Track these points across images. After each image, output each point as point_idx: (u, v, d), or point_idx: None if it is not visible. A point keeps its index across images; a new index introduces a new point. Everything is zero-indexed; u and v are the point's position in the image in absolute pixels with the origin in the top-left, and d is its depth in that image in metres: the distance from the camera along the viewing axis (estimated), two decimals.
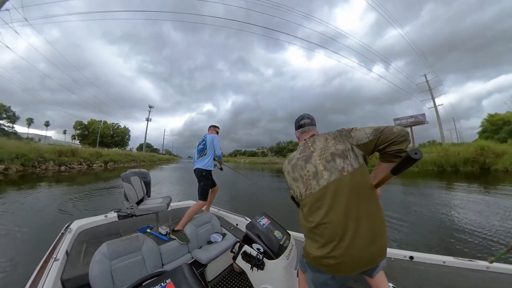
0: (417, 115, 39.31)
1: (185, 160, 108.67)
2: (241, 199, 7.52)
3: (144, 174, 2.66)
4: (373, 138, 0.94)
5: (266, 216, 1.98)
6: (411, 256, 1.62)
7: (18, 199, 6.58)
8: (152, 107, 59.47)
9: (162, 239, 2.09)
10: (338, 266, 0.90)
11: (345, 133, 1.03)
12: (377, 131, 0.94)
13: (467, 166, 17.58)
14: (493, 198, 6.69)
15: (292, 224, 3.99)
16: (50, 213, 5.17)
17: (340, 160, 0.95)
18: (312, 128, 1.23)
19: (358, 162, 0.95)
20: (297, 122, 1.29)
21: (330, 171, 0.95)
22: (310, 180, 0.99)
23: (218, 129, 2.92)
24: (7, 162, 13.24)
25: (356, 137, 0.99)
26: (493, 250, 3.21)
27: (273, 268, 1.56)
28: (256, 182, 12.45)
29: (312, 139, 1.11)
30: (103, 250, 1.48)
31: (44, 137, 60.32)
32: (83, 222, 2.31)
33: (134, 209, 2.23)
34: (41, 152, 16.38)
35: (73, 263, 1.65)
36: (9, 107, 47.04)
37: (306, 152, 1.08)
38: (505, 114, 31.00)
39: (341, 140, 1.01)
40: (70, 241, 1.95)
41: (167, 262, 1.85)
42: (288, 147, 71.72)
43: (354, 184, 0.91)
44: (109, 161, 24.94)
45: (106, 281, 1.42)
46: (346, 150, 0.97)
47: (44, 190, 8.31)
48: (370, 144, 0.95)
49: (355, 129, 1.03)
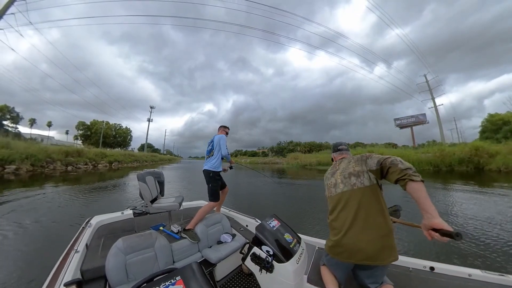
0: (417, 115, 39.33)
1: (186, 160, 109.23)
2: (250, 200, 7.63)
3: (158, 174, 2.81)
4: (378, 167, 1.19)
5: (276, 218, 1.96)
6: (431, 266, 1.52)
7: (37, 196, 7.01)
8: (154, 108, 59.73)
9: (174, 237, 2.16)
10: (342, 252, 1.23)
11: (364, 159, 1.31)
12: (378, 163, 1.19)
13: (462, 166, 17.93)
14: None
15: (302, 227, 4.28)
16: (69, 209, 5.64)
17: (354, 178, 1.27)
18: (346, 153, 1.59)
19: (370, 182, 1.22)
20: (336, 146, 1.66)
21: (345, 184, 1.30)
22: (331, 188, 1.40)
23: (227, 130, 2.90)
24: (18, 162, 13.73)
25: (369, 165, 1.25)
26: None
27: (282, 271, 1.53)
28: (274, 180, 12.84)
29: (340, 161, 1.51)
30: (119, 245, 1.55)
31: (47, 137, 59.92)
32: (102, 217, 2.49)
33: (148, 207, 2.37)
34: (48, 152, 16.87)
35: (91, 255, 1.76)
36: (13, 108, 47.65)
37: (333, 169, 1.49)
38: (505, 114, 31.04)
39: (360, 164, 1.31)
40: (90, 235, 2.10)
41: (178, 259, 1.90)
42: (288, 147, 71.96)
43: (363, 196, 1.21)
44: (114, 161, 25.40)
45: (121, 274, 1.48)
46: (362, 172, 1.26)
47: (59, 189, 8.77)
48: (377, 172, 1.19)
49: (370, 157, 1.28)
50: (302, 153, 51.11)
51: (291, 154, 50.90)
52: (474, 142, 20.14)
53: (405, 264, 1.62)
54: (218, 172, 2.57)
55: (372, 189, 1.21)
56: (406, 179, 1.00)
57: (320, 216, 4.97)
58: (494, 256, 2.94)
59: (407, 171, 1.01)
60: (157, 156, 54.01)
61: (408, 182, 0.99)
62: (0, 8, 19.73)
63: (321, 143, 72.70)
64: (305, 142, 73.03)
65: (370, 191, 1.21)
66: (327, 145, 68.75)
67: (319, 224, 4.47)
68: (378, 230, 1.15)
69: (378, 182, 1.23)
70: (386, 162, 1.13)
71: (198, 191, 8.86)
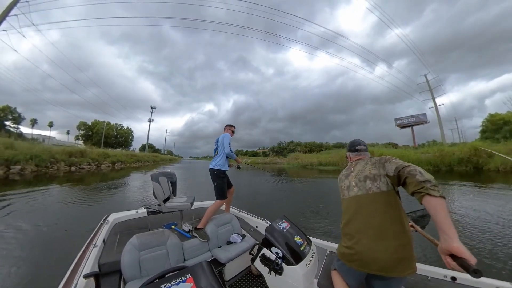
0: (418, 115, 39.05)
1: (186, 161, 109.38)
2: (259, 200, 7.67)
3: (170, 175, 2.89)
4: (395, 174, 1.07)
5: (286, 220, 1.95)
6: (453, 276, 1.39)
7: (44, 196, 7.19)
8: (155, 108, 59.80)
9: (185, 236, 2.21)
10: (355, 260, 1.13)
11: (382, 162, 1.20)
12: (396, 170, 1.07)
13: (461, 165, 18.03)
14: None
15: (313, 229, 4.24)
16: (82, 208, 5.83)
17: (369, 182, 1.18)
18: (364, 154, 1.46)
19: (387, 187, 1.12)
20: (353, 145, 1.51)
21: (359, 188, 1.21)
22: (344, 190, 1.32)
23: (233, 128, 2.86)
24: (23, 163, 13.87)
25: (386, 169, 1.14)
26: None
27: (292, 274, 1.51)
28: (274, 174, 12.90)
29: (356, 162, 1.39)
30: (133, 242, 1.63)
31: (48, 137, 59.55)
32: (118, 215, 2.62)
33: (161, 206, 2.45)
34: (52, 153, 16.99)
35: (108, 250, 1.85)
36: (14, 108, 47.92)
37: (347, 171, 1.39)
38: (505, 114, 31.01)
39: (377, 167, 1.21)
40: (107, 231, 2.21)
41: (189, 258, 1.94)
42: (289, 147, 72.11)
43: (378, 202, 1.12)
44: (116, 161, 25.49)
45: (134, 269, 1.55)
46: (378, 176, 1.17)
47: (69, 189, 8.94)
48: (394, 179, 1.08)
49: (389, 160, 1.17)
50: (303, 153, 51.21)
51: (291, 154, 50.93)
52: (473, 142, 20.24)
53: (423, 272, 1.51)
54: (222, 170, 2.60)
55: (389, 195, 1.12)
56: (422, 193, 0.89)
57: (331, 219, 4.91)
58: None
59: (425, 183, 0.90)
60: (158, 156, 54.15)
61: (425, 196, 0.88)
62: (3, 10, 19.90)
63: (322, 143, 72.94)
64: (306, 142, 73.27)
65: (387, 197, 1.12)
66: (327, 146, 68.94)
67: (330, 226, 4.43)
68: (394, 239, 1.06)
69: (395, 188, 1.14)
70: (404, 171, 1.03)
71: (199, 191, 9.01)
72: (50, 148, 17.83)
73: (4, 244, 3.40)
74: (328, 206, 6.29)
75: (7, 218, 4.74)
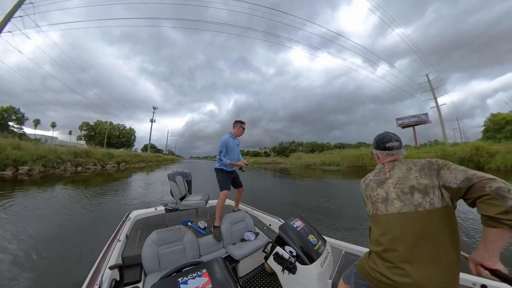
0: (419, 115, 39.00)
1: (187, 161, 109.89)
2: (270, 198, 7.65)
3: (186, 174, 2.97)
4: (462, 186, 0.81)
5: (300, 218, 1.93)
6: (483, 284, 1.28)
7: (53, 196, 7.41)
8: (156, 108, 60.25)
9: (200, 233, 2.31)
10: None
11: (435, 168, 0.92)
12: (468, 182, 0.80)
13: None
14: None
15: (328, 229, 4.13)
16: (96, 206, 6.02)
17: (419, 195, 0.90)
18: (398, 153, 1.11)
19: (443, 202, 0.86)
20: (381, 142, 1.14)
21: (404, 202, 0.92)
22: (378, 203, 1.00)
23: (238, 125, 2.72)
24: (30, 163, 14.09)
25: (444, 178, 0.88)
26: None
27: (306, 273, 1.48)
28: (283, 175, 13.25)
29: (391, 165, 1.06)
30: (153, 237, 1.72)
31: (51, 138, 59.63)
32: (139, 212, 2.79)
33: (178, 204, 2.58)
34: (58, 153, 17.20)
35: (130, 245, 1.98)
36: (18, 109, 48.32)
37: (380, 176, 1.06)
38: (507, 113, 30.97)
39: (428, 174, 0.92)
40: (129, 227, 2.36)
41: (204, 253, 2.01)
42: (290, 147, 72.30)
43: (431, 221, 0.86)
44: (121, 161, 25.66)
45: (154, 263, 1.64)
46: (431, 187, 0.89)
47: (82, 189, 9.15)
48: (459, 191, 0.83)
49: (447, 167, 0.90)
50: (305, 153, 51.35)
51: (294, 154, 51.12)
52: (475, 142, 20.30)
53: None
54: (226, 170, 2.67)
55: (447, 211, 0.87)
56: (506, 223, 0.70)
57: (347, 220, 4.87)
58: None
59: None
60: (161, 157, 54.56)
61: (505, 228, 0.71)
62: (8, 12, 20.18)
63: (323, 143, 73.12)
64: (307, 142, 73.50)
65: (442, 215, 0.86)
66: (329, 146, 69.05)
67: (346, 226, 4.41)
68: (449, 266, 0.84)
69: (454, 203, 0.88)
70: (483, 185, 0.75)
71: (205, 189, 9.12)
72: (56, 149, 18.02)
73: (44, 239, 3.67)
74: (343, 206, 6.21)
75: (36, 216, 4.97)
